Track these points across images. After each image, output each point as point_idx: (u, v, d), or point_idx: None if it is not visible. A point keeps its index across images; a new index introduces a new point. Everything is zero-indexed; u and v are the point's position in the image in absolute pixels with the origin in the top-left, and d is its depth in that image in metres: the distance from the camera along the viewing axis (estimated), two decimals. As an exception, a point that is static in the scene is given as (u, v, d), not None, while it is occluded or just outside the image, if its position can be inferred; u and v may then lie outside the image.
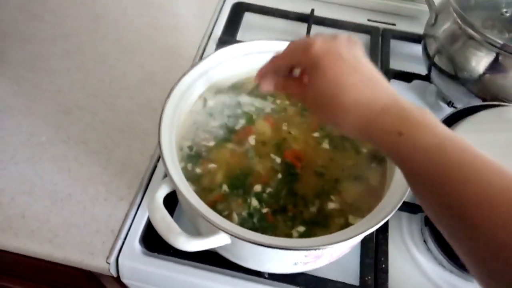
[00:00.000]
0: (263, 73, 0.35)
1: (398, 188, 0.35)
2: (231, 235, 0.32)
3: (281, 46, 0.45)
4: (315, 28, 0.68)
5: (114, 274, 0.44)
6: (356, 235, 0.32)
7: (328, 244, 0.31)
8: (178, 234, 0.34)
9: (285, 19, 0.70)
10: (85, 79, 0.58)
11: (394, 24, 0.72)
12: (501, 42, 0.49)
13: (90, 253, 0.43)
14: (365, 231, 0.32)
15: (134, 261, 0.43)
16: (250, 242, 0.31)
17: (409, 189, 0.34)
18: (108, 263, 0.43)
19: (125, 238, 0.44)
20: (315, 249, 0.32)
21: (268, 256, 0.36)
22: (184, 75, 0.42)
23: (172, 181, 0.34)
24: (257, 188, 0.40)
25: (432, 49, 0.57)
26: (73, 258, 0.43)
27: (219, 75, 0.46)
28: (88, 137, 0.52)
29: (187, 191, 0.34)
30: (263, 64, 0.35)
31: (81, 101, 0.56)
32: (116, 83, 0.58)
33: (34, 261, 0.45)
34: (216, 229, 0.32)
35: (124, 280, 0.45)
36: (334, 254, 0.38)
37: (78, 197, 0.47)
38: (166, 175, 0.35)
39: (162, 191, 0.36)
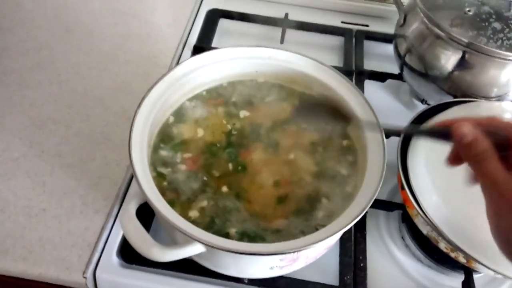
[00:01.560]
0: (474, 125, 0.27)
1: (369, 187, 0.36)
2: (203, 243, 0.32)
3: (256, 52, 0.47)
4: (289, 32, 0.69)
5: (92, 288, 0.43)
6: (326, 237, 0.32)
7: (300, 248, 0.32)
8: (151, 245, 0.34)
9: (260, 24, 0.71)
10: (58, 91, 0.58)
11: (367, 26, 0.73)
12: (466, 40, 0.50)
13: (66, 268, 0.42)
14: (337, 232, 0.33)
15: (111, 274, 0.43)
16: (221, 249, 0.31)
17: (379, 189, 0.35)
18: (85, 278, 0.42)
19: (102, 251, 0.44)
20: (288, 253, 0.33)
21: (243, 262, 0.36)
22: (155, 83, 0.42)
23: (143, 192, 0.34)
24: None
25: (402, 48, 0.59)
26: (49, 274, 0.42)
27: (194, 82, 0.46)
28: (62, 150, 0.51)
29: (158, 202, 0.34)
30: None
31: (55, 114, 0.55)
32: (90, 94, 0.58)
33: (9, 279, 0.44)
34: (189, 238, 0.32)
35: (103, 293, 0.44)
36: (310, 256, 0.38)
37: (53, 212, 0.46)
38: (138, 186, 0.35)
39: (135, 203, 0.36)
